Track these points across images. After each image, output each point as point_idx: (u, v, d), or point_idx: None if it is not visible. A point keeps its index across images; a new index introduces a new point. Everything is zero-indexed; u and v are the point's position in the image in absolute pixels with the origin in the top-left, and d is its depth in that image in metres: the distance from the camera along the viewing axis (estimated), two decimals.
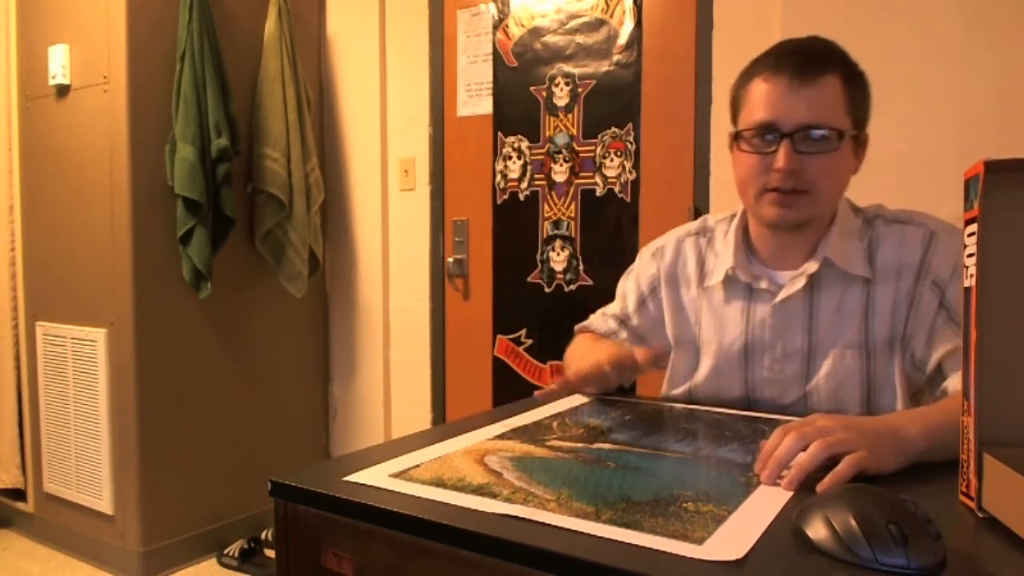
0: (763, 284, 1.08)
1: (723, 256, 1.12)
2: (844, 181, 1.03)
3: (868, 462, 0.72)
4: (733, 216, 1.15)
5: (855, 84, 0.99)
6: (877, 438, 0.75)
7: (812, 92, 0.96)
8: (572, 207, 2.40)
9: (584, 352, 1.17)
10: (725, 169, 2.07)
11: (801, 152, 0.96)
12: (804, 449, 0.72)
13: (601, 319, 1.28)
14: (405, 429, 2.70)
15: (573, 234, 2.41)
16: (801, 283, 1.04)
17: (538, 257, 2.48)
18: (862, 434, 0.74)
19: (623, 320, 1.24)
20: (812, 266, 1.03)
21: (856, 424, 0.77)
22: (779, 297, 1.06)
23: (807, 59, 0.97)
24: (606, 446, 0.86)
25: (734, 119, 1.06)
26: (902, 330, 1.01)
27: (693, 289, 1.17)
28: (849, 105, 0.98)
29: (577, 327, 1.32)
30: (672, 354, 1.19)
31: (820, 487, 0.69)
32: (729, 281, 1.11)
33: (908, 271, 1.01)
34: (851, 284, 1.03)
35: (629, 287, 1.25)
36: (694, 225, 1.21)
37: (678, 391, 1.17)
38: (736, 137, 1.03)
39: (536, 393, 1.12)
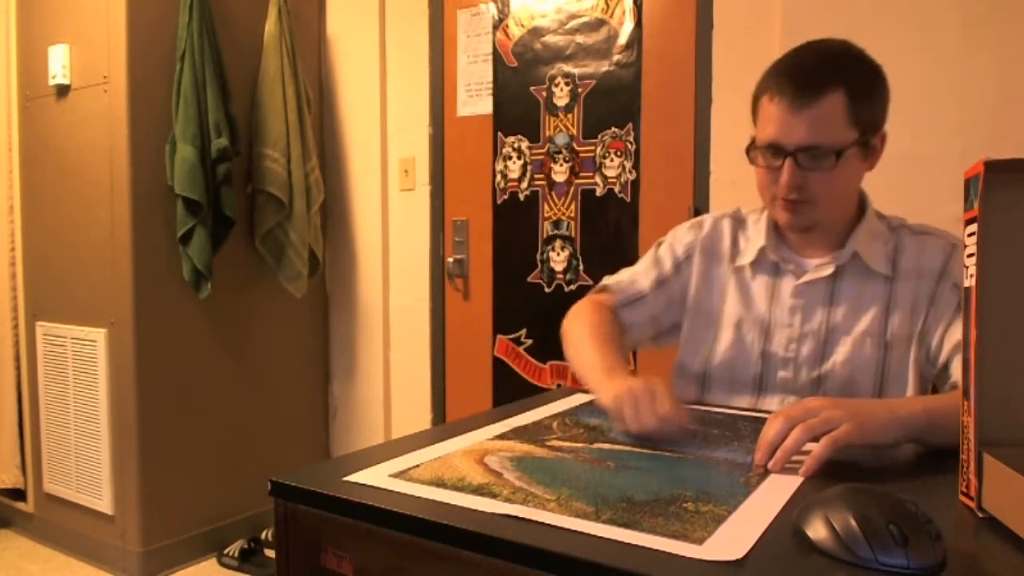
0: (791, 266, 1.13)
1: (755, 238, 1.17)
2: (851, 186, 1.08)
3: (851, 437, 0.75)
4: (763, 208, 1.19)
5: (862, 92, 1.02)
6: (869, 412, 0.78)
7: (812, 113, 1.00)
8: (572, 207, 2.40)
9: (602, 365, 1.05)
10: (725, 169, 2.07)
11: (804, 167, 1.02)
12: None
13: (628, 280, 1.26)
14: (405, 429, 2.70)
15: (573, 234, 2.40)
16: (828, 270, 1.09)
17: (538, 257, 2.48)
18: (851, 411, 0.77)
19: (661, 282, 1.23)
20: (842, 257, 1.08)
21: (847, 403, 0.80)
22: (804, 278, 1.11)
23: (809, 78, 1.00)
24: (606, 446, 0.86)
25: (754, 123, 1.12)
26: (920, 325, 1.05)
27: (724, 265, 1.20)
28: (853, 117, 1.01)
29: (596, 287, 1.32)
30: (687, 323, 1.21)
31: (802, 471, 0.73)
32: (759, 261, 1.16)
33: (930, 274, 1.06)
34: (873, 278, 1.08)
35: (663, 253, 1.26)
36: (728, 211, 1.26)
37: (694, 362, 1.18)
38: (750, 147, 1.09)
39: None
